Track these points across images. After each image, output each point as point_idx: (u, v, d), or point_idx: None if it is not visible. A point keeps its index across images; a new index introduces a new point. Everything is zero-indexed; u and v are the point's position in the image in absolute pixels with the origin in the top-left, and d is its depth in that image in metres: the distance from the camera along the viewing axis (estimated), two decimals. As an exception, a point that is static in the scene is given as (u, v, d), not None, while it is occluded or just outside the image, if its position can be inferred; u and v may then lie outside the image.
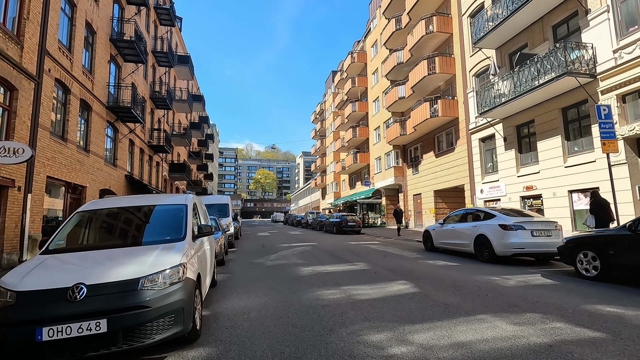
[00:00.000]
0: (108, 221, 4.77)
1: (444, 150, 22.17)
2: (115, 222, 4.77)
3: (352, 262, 9.26)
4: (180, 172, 30.56)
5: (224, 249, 10.69)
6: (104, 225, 4.80)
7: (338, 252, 12.05)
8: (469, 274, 7.15)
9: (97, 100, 15.37)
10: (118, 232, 4.71)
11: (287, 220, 49.42)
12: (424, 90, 23.32)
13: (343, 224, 23.38)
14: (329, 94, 51.35)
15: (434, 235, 11.44)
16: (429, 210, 23.54)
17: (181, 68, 31.99)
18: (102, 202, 5.01)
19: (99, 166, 15.63)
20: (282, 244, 16.25)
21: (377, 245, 14.28)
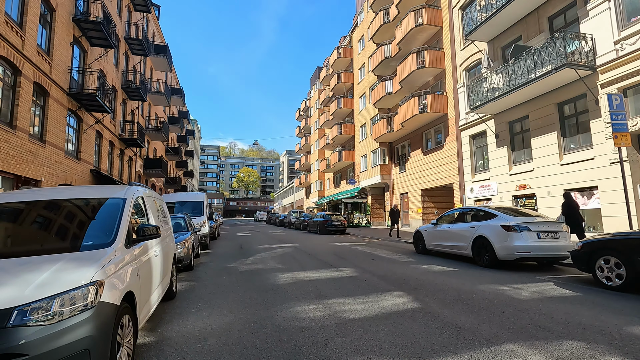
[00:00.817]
0: (5, 220, 3.54)
1: (433, 148, 21.43)
2: (16, 221, 3.55)
3: (338, 267, 8.21)
4: (156, 168, 28.86)
5: (194, 251, 9.47)
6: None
7: (321, 254, 10.99)
8: (472, 283, 6.21)
9: (56, 85, 13.81)
10: (15, 235, 3.47)
11: (269, 219, 48.12)
12: (412, 86, 22.53)
13: (327, 223, 22.36)
14: (314, 90, 50.25)
15: (426, 236, 10.53)
16: (416, 209, 22.79)
17: (158, 58, 30.27)
18: (7, 196, 3.77)
19: (58, 158, 14.07)
20: (261, 245, 15.08)
21: (364, 247, 13.29)
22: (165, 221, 5.89)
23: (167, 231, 5.83)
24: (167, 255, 5.25)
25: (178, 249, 8.04)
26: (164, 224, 5.70)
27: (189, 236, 9.10)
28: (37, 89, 12.79)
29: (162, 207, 5.86)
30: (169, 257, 5.41)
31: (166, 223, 5.91)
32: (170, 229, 6.31)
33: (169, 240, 5.66)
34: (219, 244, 16.01)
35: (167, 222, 5.99)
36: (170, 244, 5.66)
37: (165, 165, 30.98)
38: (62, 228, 3.47)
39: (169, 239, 5.70)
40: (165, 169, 31.04)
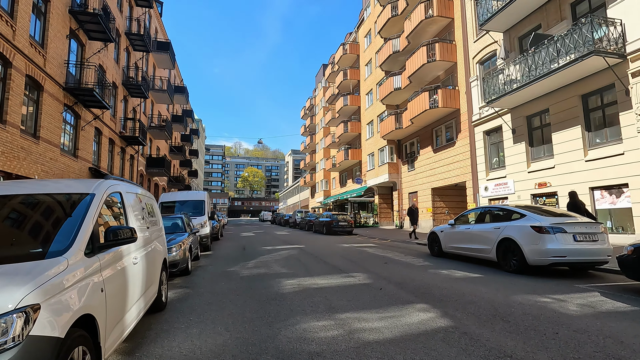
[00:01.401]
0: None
1: (443, 145, 20.58)
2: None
3: (348, 273, 7.45)
4: (158, 167, 28.31)
5: (192, 254, 8.76)
6: None
7: (329, 257, 10.23)
8: (505, 293, 5.42)
9: (51, 79, 13.21)
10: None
11: (274, 219, 47.44)
12: (422, 80, 21.68)
13: (334, 223, 21.59)
14: (319, 88, 49.51)
15: (443, 237, 9.72)
16: (425, 209, 21.94)
17: (161, 55, 29.74)
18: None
19: (53, 156, 13.47)
20: (265, 246, 14.37)
21: (374, 249, 12.51)
22: (154, 222, 5.17)
23: (156, 233, 5.12)
24: (154, 262, 4.53)
25: (173, 252, 7.35)
26: (152, 224, 4.99)
27: (186, 237, 8.40)
28: (30, 82, 12.19)
29: (150, 205, 5.14)
30: (156, 263, 4.69)
31: (155, 224, 5.19)
32: (161, 230, 5.60)
33: (157, 243, 4.95)
34: (221, 245, 15.32)
35: (155, 222, 5.28)
36: (158, 247, 4.95)
37: (168, 164, 30.41)
38: (6, 232, 2.75)
39: (157, 242, 4.99)
40: (168, 168, 30.48)
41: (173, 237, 8.12)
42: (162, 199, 14.02)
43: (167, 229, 9.01)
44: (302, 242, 16.23)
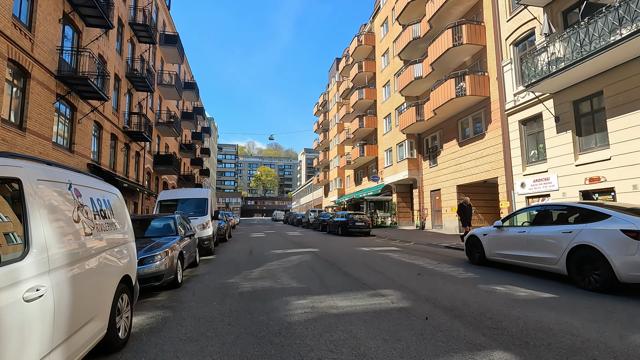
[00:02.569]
0: None
1: (471, 138, 18.70)
2: None
3: (375, 289, 5.85)
4: (166, 165, 27.25)
5: (184, 261, 7.31)
6: None
7: (348, 265, 8.65)
8: (614, 330, 3.74)
9: (40, 65, 12.02)
10: None
11: (287, 219, 46.11)
12: (445, 68, 19.84)
13: (349, 224, 19.99)
14: (332, 83, 47.88)
15: (487, 242, 8.01)
16: (450, 208, 20.09)
17: (169, 49, 28.67)
18: None
19: (43, 150, 12.29)
20: (275, 249, 12.88)
21: (399, 254, 10.86)
22: (110, 225, 3.69)
23: (113, 240, 3.65)
24: (98, 285, 3.05)
25: (157, 262, 5.91)
26: (106, 229, 3.52)
27: (176, 242, 6.95)
28: (14, 67, 10.99)
29: (102, 201, 3.66)
30: (104, 286, 3.20)
31: (112, 228, 3.72)
32: (126, 236, 4.14)
33: (111, 256, 3.47)
34: (227, 248, 13.92)
35: (114, 226, 3.80)
36: (111, 262, 3.46)
37: (177, 161, 29.35)
38: None
39: (112, 254, 3.51)
40: (177, 165, 29.42)
41: (158, 242, 6.68)
42: (161, 197, 12.69)
43: (155, 231, 7.61)
44: (315, 244, 14.69)
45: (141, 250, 6.01)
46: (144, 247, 6.24)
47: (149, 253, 6.00)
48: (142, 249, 6.10)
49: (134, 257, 4.30)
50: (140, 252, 5.94)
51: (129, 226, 4.35)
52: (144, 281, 5.76)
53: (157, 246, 6.39)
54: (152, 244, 6.45)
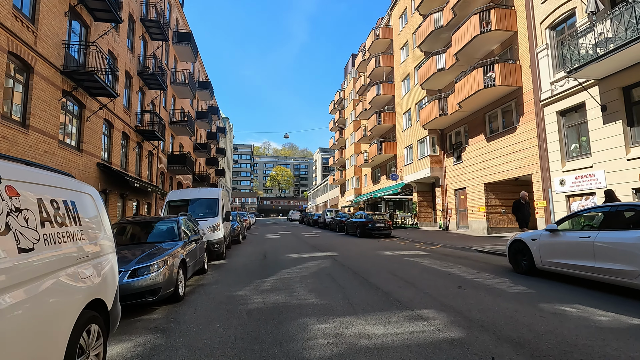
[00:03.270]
0: None
1: (500, 132, 17.32)
2: None
3: (412, 308, 4.82)
4: (180, 165, 26.78)
5: (186, 270, 6.45)
6: None
7: (373, 273, 7.63)
8: None
9: (44, 60, 11.45)
10: None
11: (303, 219, 45.28)
12: (471, 57, 18.50)
13: (369, 225, 18.90)
14: (348, 80, 46.74)
15: (538, 249, 6.84)
16: (477, 208, 18.74)
17: (182, 47, 28.22)
18: None
19: (49, 148, 11.74)
20: (290, 253, 11.96)
21: (427, 259, 9.76)
22: (74, 234, 2.80)
23: (74, 256, 2.75)
24: (37, 324, 2.15)
25: (152, 273, 5.06)
26: (64, 241, 2.63)
27: (178, 248, 6.09)
28: (16, 61, 10.43)
29: (61, 203, 2.77)
30: (49, 324, 2.30)
31: (78, 237, 2.83)
32: (96, 247, 3.25)
33: (64, 278, 2.57)
34: (240, 251, 13.10)
35: (79, 234, 2.91)
36: (68, 286, 2.57)
37: (191, 161, 28.88)
38: None
39: (68, 276, 2.61)
40: (191, 165, 28.95)
41: (157, 249, 5.83)
42: (169, 198, 11.95)
43: (155, 236, 6.78)
44: (334, 247, 13.70)
45: (133, 260, 5.17)
46: (138, 255, 5.39)
47: (144, 263, 5.14)
48: (135, 258, 5.26)
49: (113, 272, 3.42)
50: (132, 262, 5.10)
51: (106, 234, 3.47)
52: (136, 296, 4.91)
53: (154, 254, 5.53)
54: (149, 252, 5.60)
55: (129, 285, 4.84)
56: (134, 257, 5.29)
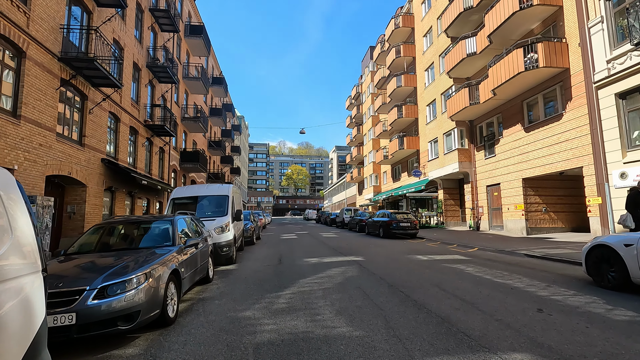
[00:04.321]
0: None
1: (541, 121, 15.45)
2: None
3: (492, 349, 3.35)
4: (193, 162, 25.82)
5: (180, 285, 5.13)
6: None
7: (415, 286, 6.15)
8: None
9: (38, 44, 10.42)
10: None
11: (319, 218, 43.95)
12: (507, 39, 16.66)
13: (393, 224, 17.35)
14: (366, 73, 45.04)
15: (636, 257, 5.21)
16: (513, 206, 16.91)
17: (194, 40, 27.26)
18: None
19: (44, 141, 10.72)
20: (309, 257, 10.58)
21: (473, 267, 8.19)
22: None
23: None
24: None
25: (129, 292, 3.76)
26: None
27: (169, 257, 4.77)
28: (5, 44, 9.41)
29: None
30: None
31: None
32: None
33: None
34: (253, 254, 11.81)
35: None
36: None
37: (204, 158, 27.92)
38: None
39: None
40: (204, 162, 28.00)
41: (140, 257, 4.52)
42: (174, 195, 10.74)
43: (145, 241, 5.50)
44: (357, 250, 12.24)
45: (104, 274, 3.86)
46: (112, 266, 4.09)
47: (117, 277, 3.84)
48: (108, 270, 3.96)
49: (26, 310, 2.08)
50: (101, 276, 3.80)
51: (20, 243, 2.13)
52: (105, 324, 3.62)
53: (135, 264, 4.23)
54: (128, 261, 4.30)
55: (94, 310, 3.55)
56: (106, 269, 3.99)
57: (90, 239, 5.39)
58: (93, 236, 5.47)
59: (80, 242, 5.30)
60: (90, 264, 4.29)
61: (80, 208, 13.10)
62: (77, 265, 4.29)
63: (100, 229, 5.67)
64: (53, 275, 3.78)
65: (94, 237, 5.44)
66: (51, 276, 3.66)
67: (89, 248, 5.17)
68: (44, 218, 10.40)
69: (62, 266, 4.29)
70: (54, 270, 4.09)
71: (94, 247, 5.23)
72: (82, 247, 5.23)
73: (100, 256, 4.65)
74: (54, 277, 3.73)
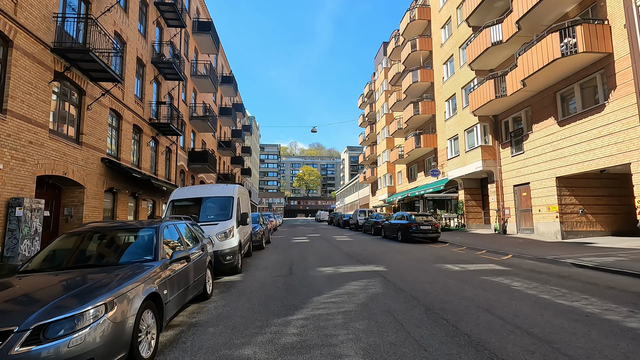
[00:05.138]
0: None
1: (579, 113, 13.95)
2: None
3: None
4: (201, 162, 24.96)
5: (161, 315, 4.03)
6: None
7: (460, 311, 4.93)
8: None
9: (27, 32, 9.56)
10: None
11: (332, 220, 42.76)
12: (537, 24, 15.22)
13: (413, 227, 16.05)
14: (379, 70, 43.67)
15: None
16: (546, 207, 15.42)
17: (202, 37, 26.44)
18: None
19: (35, 138, 9.85)
20: (323, 265, 9.42)
21: (517, 281, 6.90)
22: None
23: None
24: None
25: (80, 333, 2.65)
26: None
27: (145, 276, 3.68)
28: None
29: None
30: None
31: None
32: None
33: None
34: (261, 261, 10.71)
35: None
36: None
37: (213, 159, 27.06)
38: None
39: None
40: (213, 163, 27.13)
41: (106, 278, 3.43)
42: (174, 196, 9.71)
43: (120, 254, 4.43)
44: (376, 257, 11.02)
45: (46, 306, 2.78)
46: (60, 295, 3.01)
47: (62, 312, 2.75)
48: (52, 301, 2.87)
49: None
50: (38, 312, 2.71)
51: None
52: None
53: (93, 290, 3.13)
54: (87, 285, 3.21)
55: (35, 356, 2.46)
56: (51, 298, 2.91)
57: (53, 252, 4.35)
58: (59, 248, 4.43)
59: (41, 257, 4.26)
60: (34, 291, 3.22)
61: (77, 211, 12.24)
62: (16, 292, 3.22)
63: (71, 237, 4.63)
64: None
65: (59, 250, 4.40)
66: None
67: (49, 264, 4.13)
68: (33, 222, 9.52)
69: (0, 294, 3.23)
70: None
71: (56, 262, 4.19)
72: (43, 262, 4.19)
73: (55, 276, 3.59)
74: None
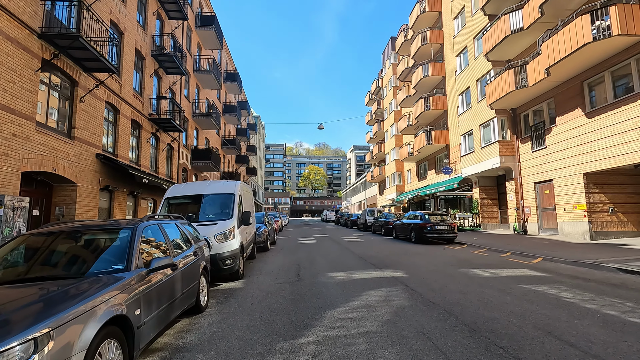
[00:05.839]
0: None
1: (610, 103, 12.83)
2: None
3: None
4: (204, 160, 24.15)
5: (132, 342, 3.10)
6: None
7: (515, 334, 3.94)
8: None
9: (11, 15, 8.74)
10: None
11: (339, 220, 41.78)
12: (561, 8, 14.11)
13: (427, 227, 15.02)
14: (387, 66, 42.57)
15: None
16: (572, 206, 14.30)
17: (205, 31, 25.62)
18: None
19: (20, 131, 9.03)
20: (334, 270, 8.46)
21: (565, 289, 5.88)
22: None
23: None
24: None
25: None
26: None
27: (108, 293, 2.75)
28: (-38, 10, 7.73)
29: None
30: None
31: None
32: None
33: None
34: (266, 264, 9.78)
35: None
36: None
37: (217, 157, 26.22)
38: None
39: None
40: (217, 161, 26.30)
41: (57, 296, 2.51)
42: (169, 194, 8.82)
43: (85, 262, 3.51)
44: (392, 260, 10.03)
45: None
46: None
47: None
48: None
49: None
50: None
51: None
52: None
53: (27, 316, 2.21)
54: (18, 310, 2.30)
55: None
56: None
57: (3, 259, 3.45)
58: (10, 254, 3.53)
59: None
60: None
61: (70, 210, 11.43)
62: None
63: (29, 240, 3.73)
64: None
65: (10, 256, 3.49)
66: None
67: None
68: (16, 222, 8.69)
69: None
70: None
71: (1, 273, 3.28)
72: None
73: (7, 289, 2.68)
74: None
